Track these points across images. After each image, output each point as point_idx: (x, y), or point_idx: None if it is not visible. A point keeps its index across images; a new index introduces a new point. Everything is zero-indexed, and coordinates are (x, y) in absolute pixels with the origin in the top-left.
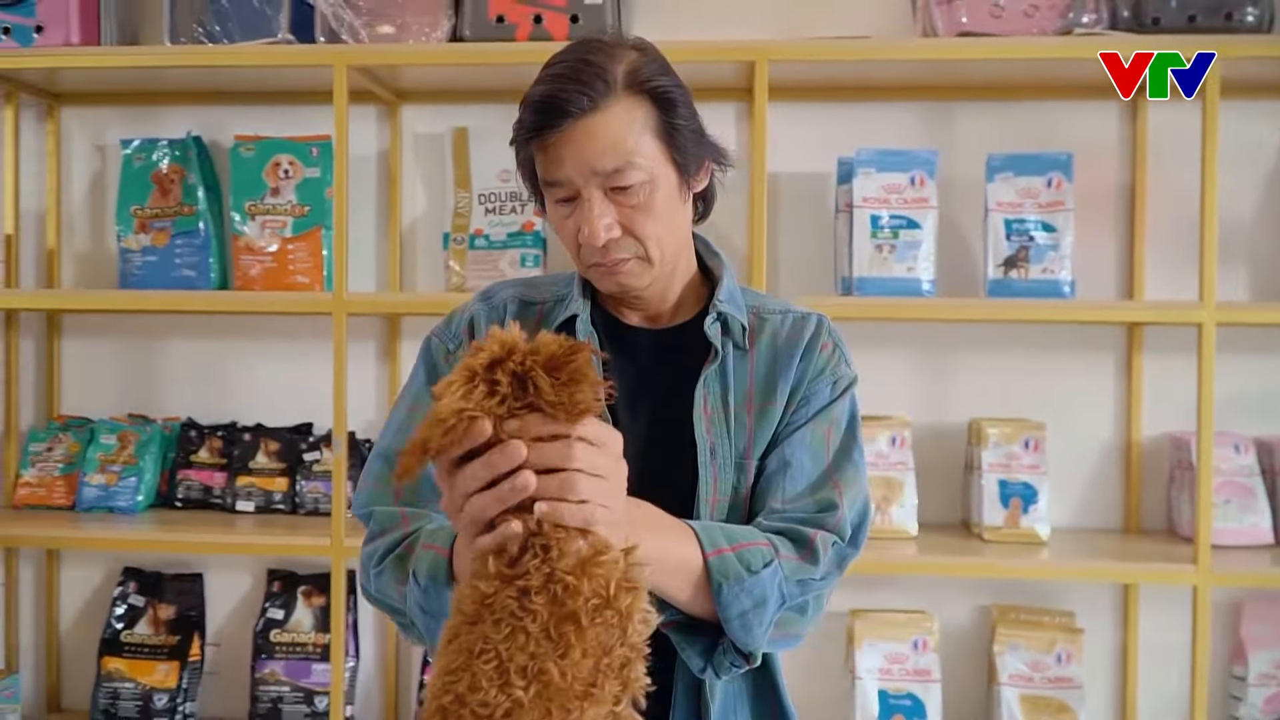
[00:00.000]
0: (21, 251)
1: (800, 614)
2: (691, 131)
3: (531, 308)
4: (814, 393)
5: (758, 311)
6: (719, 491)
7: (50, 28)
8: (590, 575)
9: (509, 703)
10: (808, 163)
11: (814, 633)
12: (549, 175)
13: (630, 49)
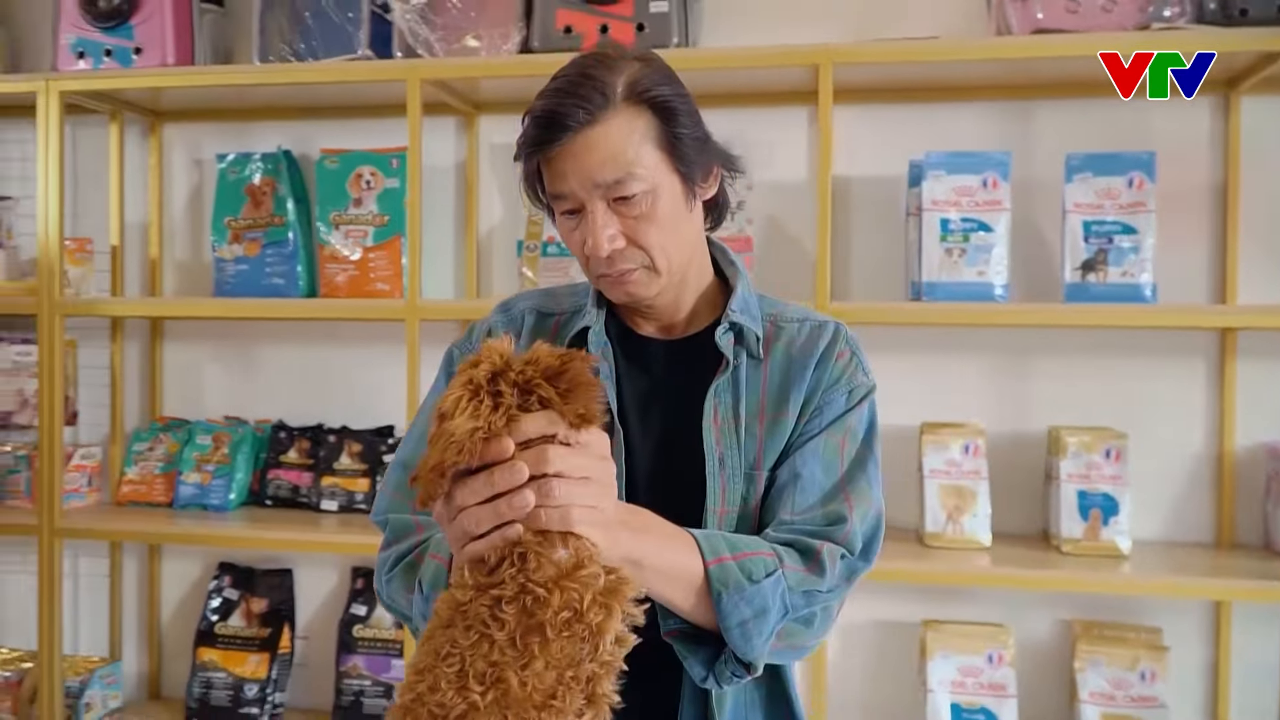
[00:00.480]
0: (126, 261)
1: (806, 626)
2: (694, 140)
3: (549, 319)
4: (828, 402)
5: (775, 320)
6: (728, 502)
7: (148, 49)
8: (564, 588)
9: (464, 705)
10: (879, 166)
11: (885, 641)
12: (553, 188)
13: (633, 60)
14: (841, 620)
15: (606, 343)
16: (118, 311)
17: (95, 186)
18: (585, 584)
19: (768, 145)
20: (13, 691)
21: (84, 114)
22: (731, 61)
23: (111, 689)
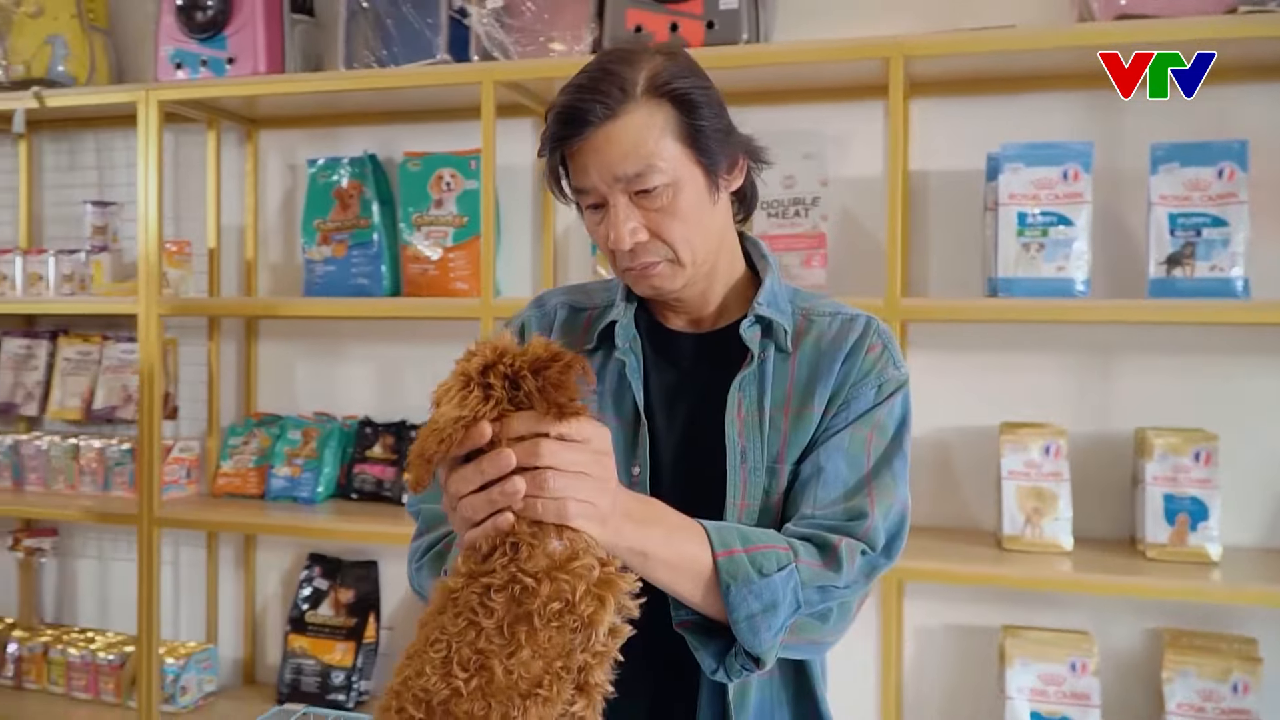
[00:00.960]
0: (224, 263)
1: (821, 621)
2: (716, 131)
3: (581, 313)
4: (856, 396)
5: (808, 314)
6: (748, 495)
7: (240, 59)
8: (554, 579)
9: (448, 691)
10: (958, 159)
11: (963, 646)
12: (576, 183)
13: (656, 55)
14: (917, 623)
15: (635, 336)
16: (211, 311)
17: (195, 192)
18: (578, 575)
19: (843, 140)
20: (115, 674)
21: (185, 123)
22: (800, 56)
23: (207, 673)
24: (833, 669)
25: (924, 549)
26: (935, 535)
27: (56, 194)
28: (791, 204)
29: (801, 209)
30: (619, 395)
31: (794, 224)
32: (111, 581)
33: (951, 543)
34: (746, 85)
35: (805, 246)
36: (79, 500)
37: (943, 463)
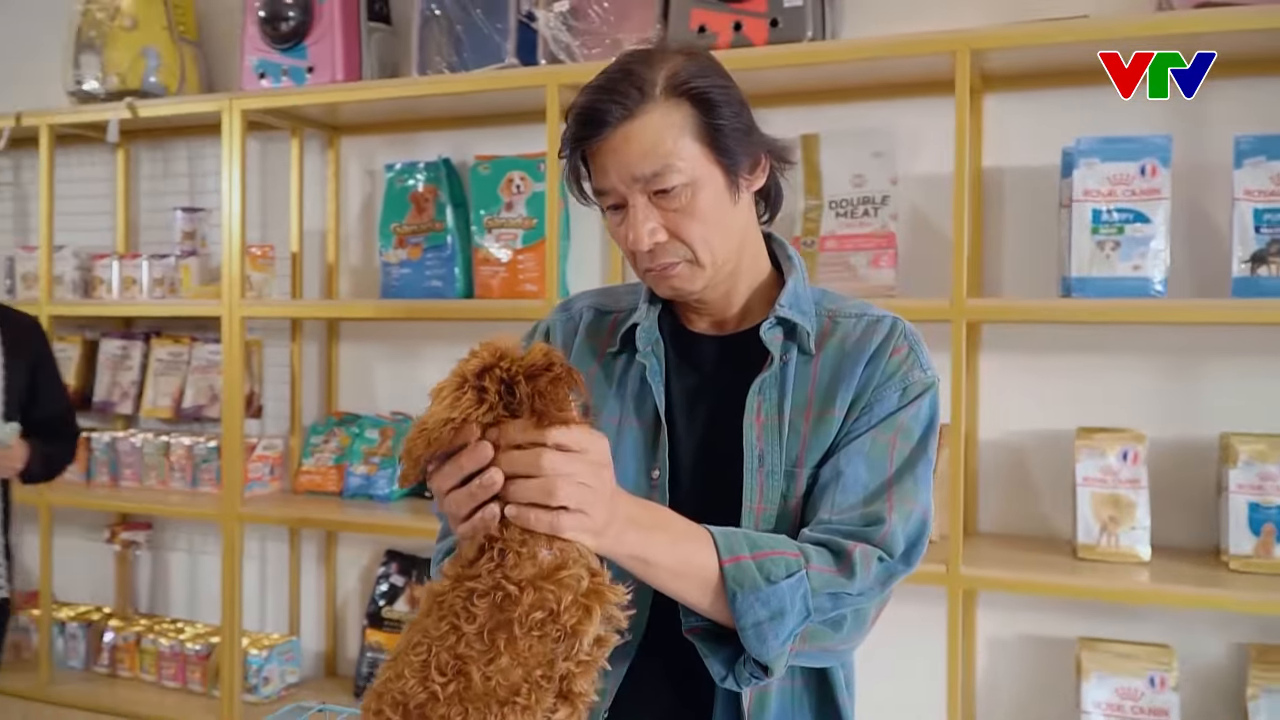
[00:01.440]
0: (306, 266)
1: (834, 629)
2: (735, 131)
3: (606, 317)
4: (879, 399)
5: (834, 315)
6: (765, 499)
7: (319, 68)
8: (539, 588)
9: (425, 695)
10: (1033, 155)
11: (1037, 657)
12: (596, 184)
13: (677, 54)
14: (990, 634)
15: (658, 339)
16: (297, 314)
17: (281, 197)
18: (564, 585)
19: (914, 137)
20: (202, 664)
21: (270, 130)
22: (863, 53)
23: (289, 665)
24: (897, 679)
25: (997, 557)
26: (1009, 543)
27: (152, 200)
28: (860, 203)
29: (870, 208)
30: (640, 398)
31: (862, 223)
32: (201, 574)
33: (1025, 551)
34: (813, 83)
35: (873, 246)
36: (169, 496)
37: (1016, 468)
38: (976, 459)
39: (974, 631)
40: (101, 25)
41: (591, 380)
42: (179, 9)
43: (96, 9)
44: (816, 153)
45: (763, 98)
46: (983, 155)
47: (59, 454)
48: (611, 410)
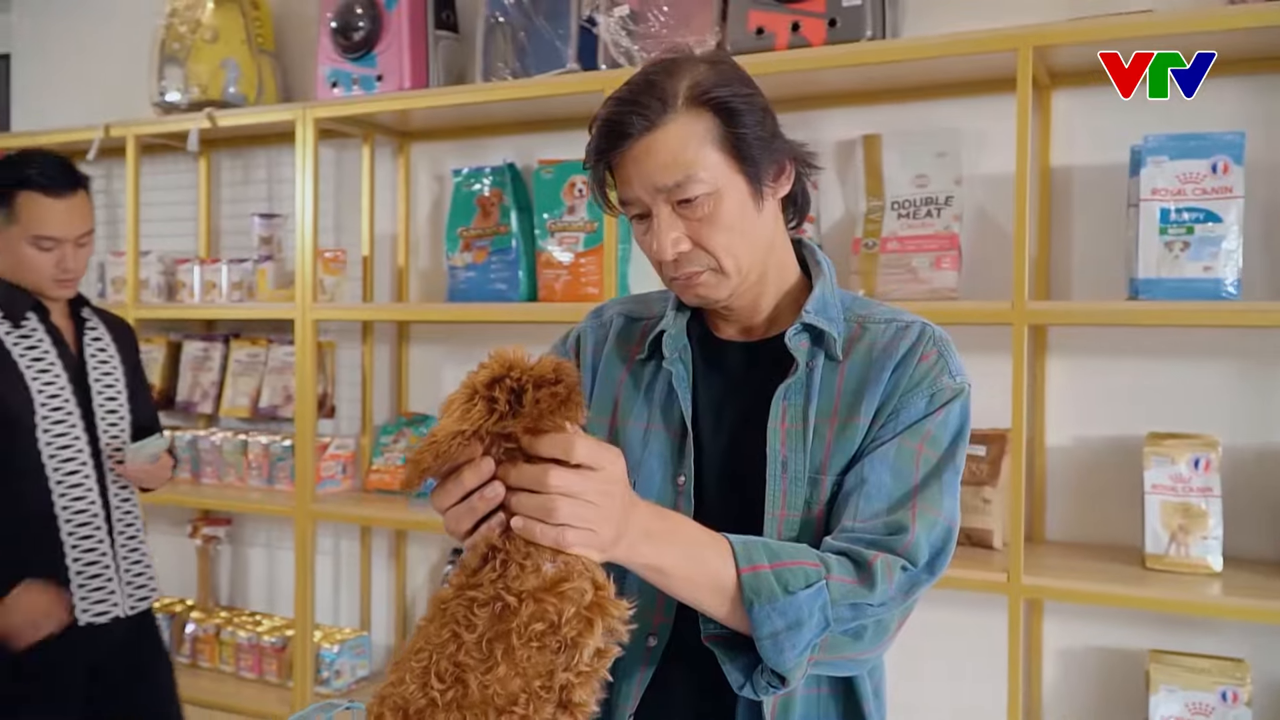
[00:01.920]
0: (377, 269)
1: (855, 639)
2: (758, 139)
3: (637, 323)
4: (905, 406)
5: (863, 321)
6: (789, 506)
7: (388, 76)
8: (539, 600)
9: (424, 701)
10: (1102, 153)
11: (1106, 669)
12: (621, 194)
13: (699, 63)
14: (1058, 644)
15: (685, 345)
16: (368, 316)
17: (353, 202)
18: (567, 598)
19: (980, 136)
20: (278, 656)
21: (344, 138)
22: (924, 52)
23: (360, 658)
24: (959, 687)
25: (1062, 566)
26: (1076, 552)
27: (232, 207)
28: (923, 204)
29: (934, 209)
30: (667, 404)
31: (925, 224)
32: (278, 569)
33: (1093, 560)
34: (874, 83)
35: (936, 248)
36: (248, 493)
37: (1084, 475)
38: (1044, 465)
39: (1040, 641)
40: (184, 39)
41: (621, 386)
42: (257, 21)
43: (179, 23)
44: (878, 153)
45: (822, 98)
46: (1051, 154)
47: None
48: (639, 416)
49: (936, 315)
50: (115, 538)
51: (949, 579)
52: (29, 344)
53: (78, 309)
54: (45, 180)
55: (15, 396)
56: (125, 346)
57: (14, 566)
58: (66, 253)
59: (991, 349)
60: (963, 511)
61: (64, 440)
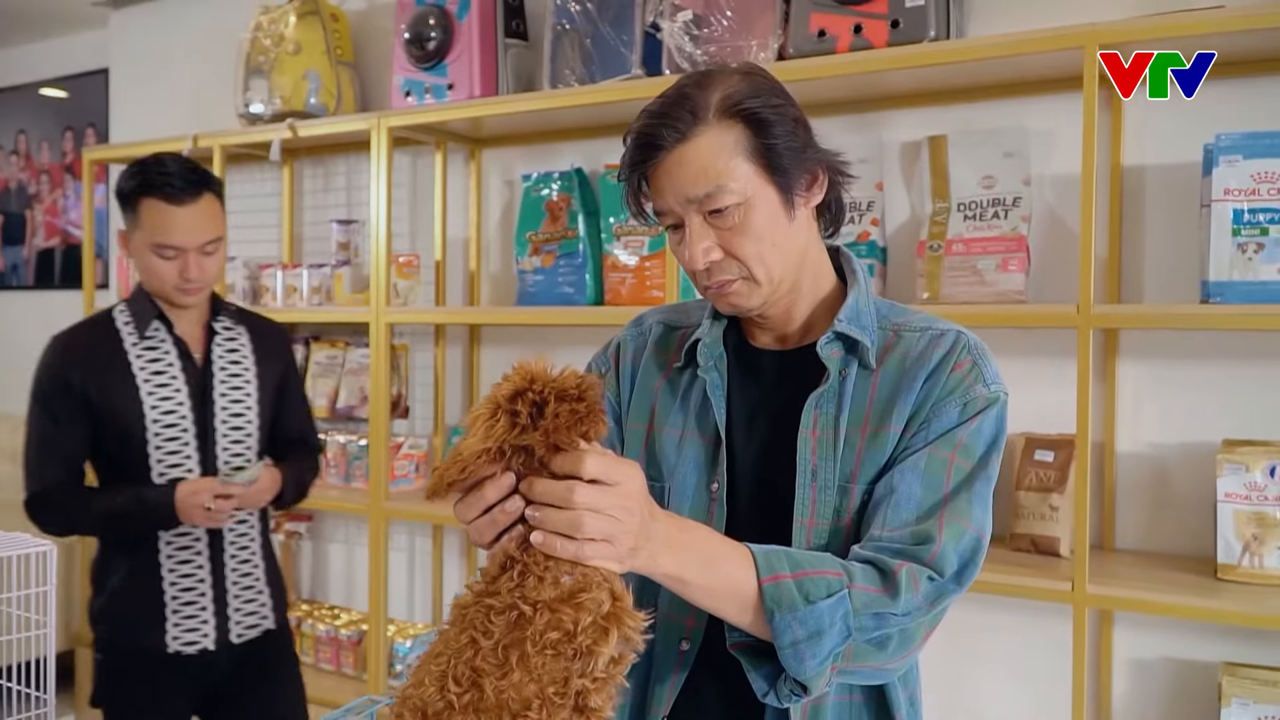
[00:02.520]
0: (449, 273)
1: (879, 648)
2: (789, 149)
3: (675, 332)
4: (937, 415)
5: (899, 330)
6: (818, 514)
7: (458, 85)
8: (555, 610)
9: (442, 704)
10: (1176, 153)
11: (1178, 681)
12: (655, 205)
13: (732, 75)
14: (1129, 654)
15: (721, 354)
16: (440, 320)
17: (428, 208)
18: (583, 608)
19: (1048, 136)
20: (354, 649)
21: (417, 145)
22: (987, 51)
23: None
24: (1025, 696)
25: (1132, 576)
26: (1146, 561)
27: (313, 213)
28: (990, 205)
29: (1001, 210)
30: (702, 412)
31: (991, 226)
32: (355, 564)
33: (1163, 570)
34: (939, 83)
35: (1002, 250)
36: (327, 490)
37: (1155, 482)
38: (1114, 472)
39: (1110, 651)
40: (268, 52)
41: (658, 393)
42: (337, 34)
43: (264, 36)
44: (944, 154)
45: (886, 100)
46: (1122, 153)
47: (308, 471)
48: (674, 423)
49: (1001, 319)
50: (225, 563)
51: (1014, 587)
52: (152, 355)
53: (215, 315)
54: (165, 186)
55: (131, 410)
56: (269, 355)
57: (116, 585)
58: (190, 261)
59: (1061, 353)
60: (1030, 519)
61: (174, 459)
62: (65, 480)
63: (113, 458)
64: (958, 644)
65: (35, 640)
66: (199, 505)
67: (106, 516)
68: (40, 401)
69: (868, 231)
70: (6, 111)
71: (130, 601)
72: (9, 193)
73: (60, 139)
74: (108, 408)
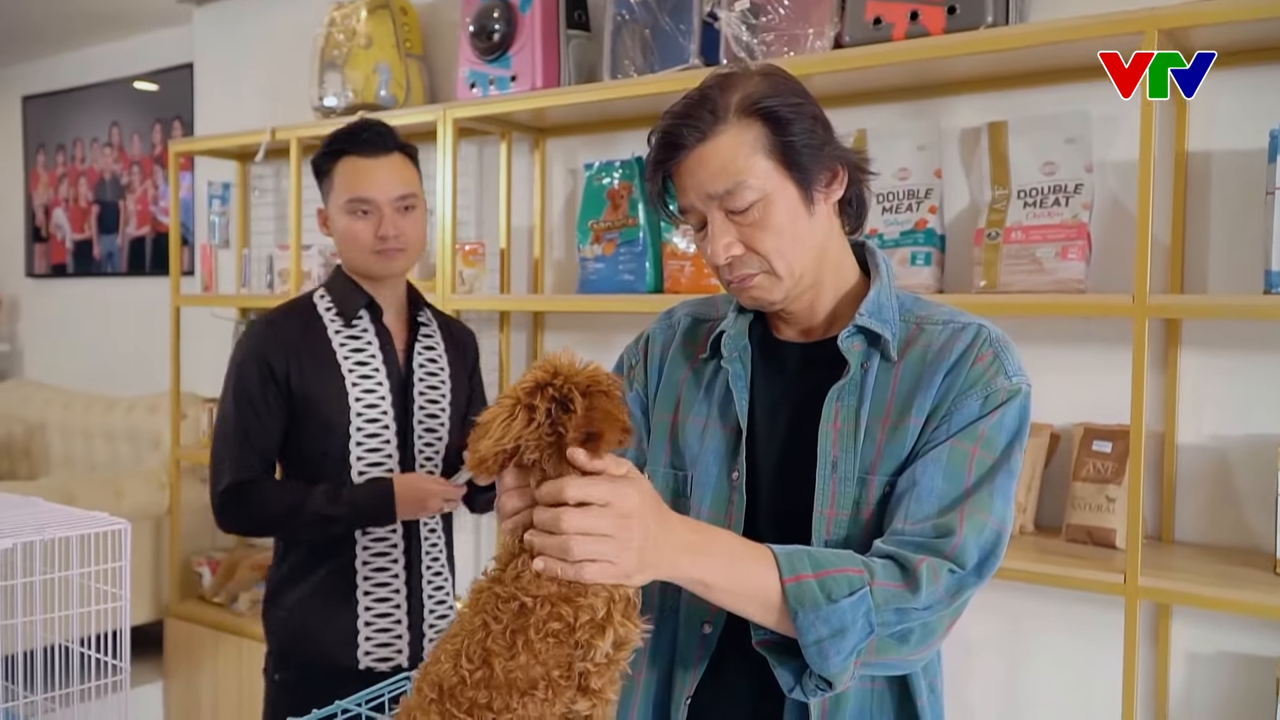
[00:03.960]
0: (514, 261)
1: (900, 642)
2: (807, 146)
3: (702, 324)
4: (959, 408)
5: (921, 322)
6: (838, 506)
7: (521, 76)
8: (554, 604)
9: (455, 679)
10: (1244, 138)
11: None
12: (679, 204)
13: (754, 76)
14: (1187, 649)
15: (746, 346)
16: (505, 307)
17: (493, 197)
18: (581, 608)
19: (1112, 121)
20: None
21: (483, 135)
22: (1045, 37)
23: None
24: (1076, 688)
25: (1189, 570)
26: (1205, 555)
27: None
28: (1051, 191)
29: (1062, 197)
30: (725, 403)
31: (1051, 213)
32: None
33: (1222, 564)
34: (998, 69)
35: (1062, 238)
36: None
37: (1217, 474)
38: (1174, 463)
39: (1167, 644)
40: (341, 46)
41: (683, 384)
42: (406, 27)
43: (337, 31)
44: (1004, 140)
45: (944, 86)
46: (1187, 139)
47: None
48: (699, 413)
49: (1055, 308)
50: (421, 574)
51: (1067, 578)
52: (356, 345)
53: (415, 312)
54: (355, 142)
55: (335, 401)
56: (462, 359)
57: (303, 595)
58: (385, 217)
59: (1122, 342)
60: (1086, 510)
61: (376, 456)
62: (261, 476)
63: (309, 452)
64: (1009, 634)
65: (112, 612)
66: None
67: (316, 519)
68: (239, 390)
69: (925, 219)
70: (101, 105)
71: (320, 614)
72: (104, 183)
73: (150, 131)
74: (312, 398)
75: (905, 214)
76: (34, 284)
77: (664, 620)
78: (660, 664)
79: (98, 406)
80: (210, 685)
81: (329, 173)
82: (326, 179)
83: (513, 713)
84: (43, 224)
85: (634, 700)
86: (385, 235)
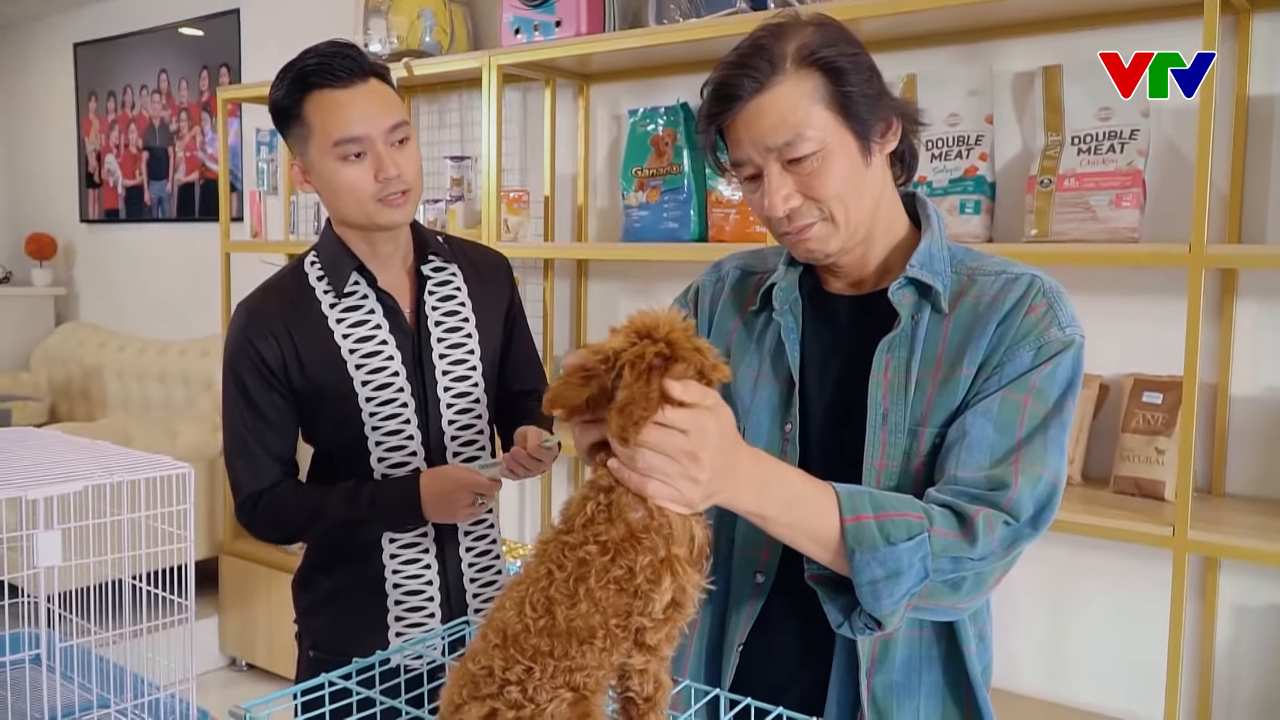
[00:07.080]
0: (558, 209)
1: (953, 590)
2: (864, 97)
3: (751, 277)
4: (1010, 359)
5: (972, 274)
6: (888, 457)
7: (566, 22)
8: (619, 549)
9: (519, 625)
10: None
11: None
12: (733, 156)
13: (807, 26)
14: (1235, 602)
15: (797, 298)
16: (549, 255)
17: (538, 144)
18: (642, 548)
19: None
20: None
21: (528, 82)
22: None
23: None
24: (1126, 639)
25: (1239, 523)
26: (1256, 507)
27: (429, 149)
28: (1106, 138)
29: (1117, 143)
30: (776, 355)
31: (1106, 160)
32: None
33: (1273, 517)
34: (1054, 10)
35: (1116, 185)
36: None
37: (1271, 427)
38: (1227, 415)
39: (1215, 597)
40: None
41: (734, 336)
42: None
43: None
44: (1058, 85)
45: (998, 29)
46: (1249, 83)
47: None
48: (750, 365)
49: (1108, 258)
50: (461, 557)
51: (1115, 530)
52: (355, 319)
53: (422, 257)
54: (324, 71)
55: (340, 390)
56: (492, 292)
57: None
58: (381, 155)
59: (1177, 292)
60: (1135, 461)
61: (396, 440)
62: (280, 481)
63: (326, 446)
64: (1056, 586)
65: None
66: (463, 503)
67: (337, 523)
68: (235, 388)
69: (975, 166)
70: (149, 52)
71: (347, 607)
72: (153, 129)
73: (198, 78)
74: (315, 391)
75: (955, 161)
76: (88, 229)
77: (716, 568)
78: (713, 609)
79: (151, 350)
80: (266, 619)
81: (298, 115)
82: (296, 122)
83: (571, 659)
84: (95, 170)
85: (689, 645)
86: (388, 176)
